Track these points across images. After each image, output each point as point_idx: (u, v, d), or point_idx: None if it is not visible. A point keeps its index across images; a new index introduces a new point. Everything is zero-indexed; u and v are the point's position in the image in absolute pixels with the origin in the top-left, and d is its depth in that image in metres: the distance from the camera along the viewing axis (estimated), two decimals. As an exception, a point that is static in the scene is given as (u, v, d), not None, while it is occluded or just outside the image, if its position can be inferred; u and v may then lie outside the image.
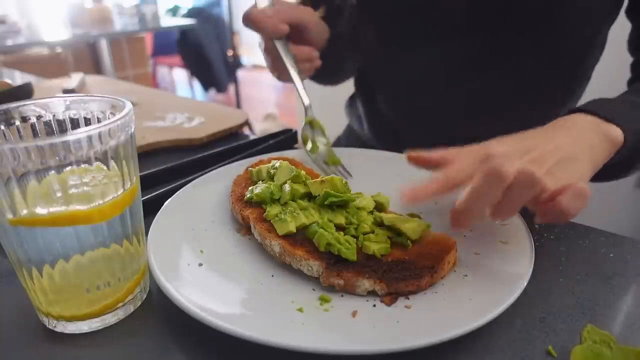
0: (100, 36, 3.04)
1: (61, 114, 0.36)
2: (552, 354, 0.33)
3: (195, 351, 0.34)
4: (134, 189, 0.35)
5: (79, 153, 0.30)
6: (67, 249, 0.32)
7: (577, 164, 0.41)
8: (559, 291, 0.39)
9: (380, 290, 0.36)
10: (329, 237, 0.39)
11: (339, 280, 0.37)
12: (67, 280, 0.33)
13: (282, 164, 0.49)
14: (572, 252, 0.44)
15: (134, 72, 3.48)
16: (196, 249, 0.42)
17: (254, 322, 0.33)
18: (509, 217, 0.40)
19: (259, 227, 0.42)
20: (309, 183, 0.45)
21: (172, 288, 0.35)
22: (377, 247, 0.39)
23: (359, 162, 0.60)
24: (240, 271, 0.40)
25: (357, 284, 0.36)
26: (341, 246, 0.38)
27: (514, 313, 0.36)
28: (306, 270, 0.38)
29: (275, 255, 0.40)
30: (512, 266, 0.38)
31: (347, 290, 0.37)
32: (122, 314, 0.37)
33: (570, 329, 0.35)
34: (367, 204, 0.45)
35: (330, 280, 0.37)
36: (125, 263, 0.36)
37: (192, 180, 0.54)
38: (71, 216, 0.31)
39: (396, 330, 0.33)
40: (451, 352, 0.33)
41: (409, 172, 0.48)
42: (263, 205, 0.44)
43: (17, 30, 2.79)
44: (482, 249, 0.42)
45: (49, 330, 0.36)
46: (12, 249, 0.32)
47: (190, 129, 0.78)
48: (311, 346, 0.30)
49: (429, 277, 0.37)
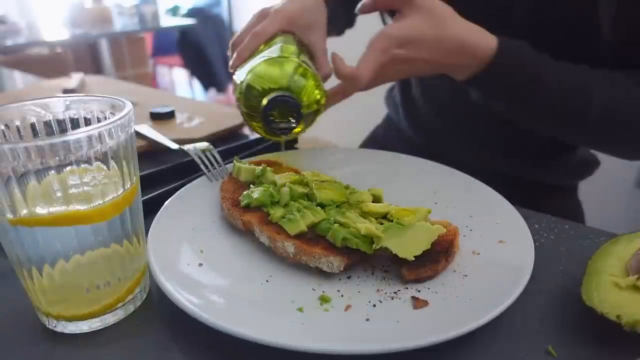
0: (100, 36, 3.05)
1: (61, 114, 0.36)
2: (552, 354, 0.33)
3: (195, 351, 0.34)
4: (134, 189, 0.35)
5: (79, 153, 0.30)
6: (67, 249, 0.32)
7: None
8: (559, 291, 0.39)
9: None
10: (344, 232, 0.39)
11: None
12: (67, 280, 0.33)
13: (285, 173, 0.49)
14: (572, 252, 0.44)
15: (134, 72, 3.48)
16: (196, 249, 0.42)
17: (254, 322, 0.33)
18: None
19: (266, 231, 0.42)
20: (315, 190, 0.46)
21: (172, 288, 0.35)
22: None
23: (358, 161, 0.60)
24: (240, 271, 0.40)
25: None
26: (358, 240, 0.39)
27: (514, 313, 0.36)
28: (326, 267, 0.38)
29: (289, 255, 0.40)
30: (512, 266, 0.38)
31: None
32: (122, 314, 0.37)
33: (571, 328, 0.35)
34: (366, 197, 0.46)
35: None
36: (125, 263, 0.36)
37: (192, 180, 0.54)
38: (71, 216, 0.31)
39: (396, 330, 0.33)
40: (451, 352, 0.33)
41: (406, 171, 0.48)
42: (263, 208, 0.44)
43: (17, 30, 2.80)
44: (482, 249, 0.42)
45: (49, 330, 0.36)
46: (12, 249, 0.32)
47: (190, 129, 0.78)
48: (311, 346, 0.30)
49: (444, 261, 0.39)
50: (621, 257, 0.37)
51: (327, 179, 0.49)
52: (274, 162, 0.55)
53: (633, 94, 0.57)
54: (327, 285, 0.38)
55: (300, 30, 0.57)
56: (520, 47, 0.55)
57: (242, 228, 0.45)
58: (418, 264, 0.38)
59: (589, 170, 0.79)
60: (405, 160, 0.60)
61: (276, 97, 0.44)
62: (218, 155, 0.58)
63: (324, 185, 0.47)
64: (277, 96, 0.44)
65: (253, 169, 0.50)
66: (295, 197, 0.45)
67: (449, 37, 0.52)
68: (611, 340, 0.34)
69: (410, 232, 0.39)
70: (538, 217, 0.51)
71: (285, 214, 0.42)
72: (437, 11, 0.52)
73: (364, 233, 0.39)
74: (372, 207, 0.44)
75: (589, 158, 0.79)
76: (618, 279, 0.34)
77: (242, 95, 0.47)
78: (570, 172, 0.78)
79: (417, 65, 0.55)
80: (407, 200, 0.48)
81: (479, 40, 0.53)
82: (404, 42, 0.52)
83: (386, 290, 0.38)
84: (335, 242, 0.39)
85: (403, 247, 0.38)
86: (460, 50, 0.53)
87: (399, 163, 0.59)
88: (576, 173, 0.79)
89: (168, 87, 4.66)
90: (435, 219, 0.43)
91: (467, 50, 0.53)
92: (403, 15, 0.53)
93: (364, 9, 0.57)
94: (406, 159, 0.60)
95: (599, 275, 0.36)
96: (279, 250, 0.41)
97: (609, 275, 0.35)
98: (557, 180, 0.78)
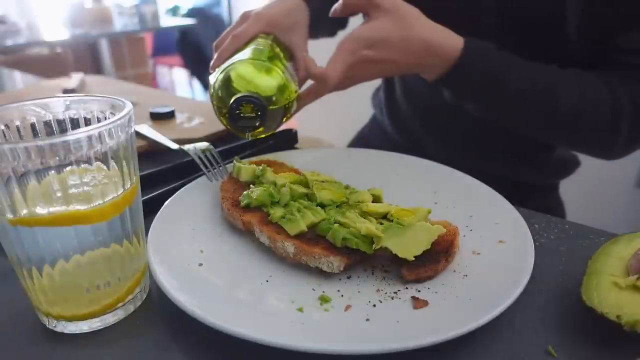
0: (100, 36, 3.05)
1: (61, 114, 0.36)
2: (552, 354, 0.33)
3: (195, 351, 0.34)
4: (134, 189, 0.35)
5: (79, 153, 0.30)
6: (67, 249, 0.32)
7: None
8: (559, 291, 0.39)
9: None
10: (344, 232, 0.39)
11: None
12: (67, 280, 0.33)
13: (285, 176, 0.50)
14: (572, 252, 0.44)
15: (134, 72, 3.48)
16: (196, 249, 0.42)
17: (254, 322, 0.33)
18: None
19: (266, 231, 0.42)
20: (316, 191, 0.46)
21: (172, 288, 0.35)
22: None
23: (358, 161, 0.60)
24: (240, 271, 0.40)
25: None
26: (358, 240, 0.39)
27: (514, 313, 0.36)
28: (326, 267, 0.38)
29: (289, 255, 0.40)
30: (512, 266, 0.38)
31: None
32: (122, 314, 0.37)
33: (571, 328, 0.35)
34: (366, 197, 0.46)
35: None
36: (125, 263, 0.36)
37: (192, 180, 0.54)
38: (71, 216, 0.31)
39: (396, 330, 0.33)
40: (451, 352, 0.33)
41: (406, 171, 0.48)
42: (263, 208, 0.44)
43: (17, 30, 2.80)
44: (482, 249, 0.42)
45: (49, 330, 0.35)
46: (12, 249, 0.32)
47: (190, 129, 0.78)
48: (311, 346, 0.30)
49: (444, 261, 0.39)
50: (621, 257, 0.37)
51: (327, 179, 0.49)
52: (274, 162, 0.55)
53: (601, 93, 0.57)
54: (327, 285, 0.38)
55: (281, 32, 0.59)
56: (486, 47, 0.57)
57: (242, 228, 0.45)
58: (418, 264, 0.38)
59: (568, 170, 0.80)
60: (405, 160, 0.60)
61: (242, 97, 0.46)
62: (218, 155, 0.58)
63: (324, 185, 0.47)
64: (243, 96, 0.46)
65: (253, 169, 0.50)
66: (295, 197, 0.45)
67: (414, 38, 0.54)
68: (611, 340, 0.34)
69: (410, 232, 0.39)
70: (538, 217, 0.51)
71: (285, 214, 0.42)
72: (403, 13, 0.54)
73: (364, 233, 0.39)
74: (372, 207, 0.44)
75: (568, 158, 0.80)
76: (618, 279, 0.34)
77: (214, 93, 0.50)
78: (549, 171, 0.79)
79: (386, 66, 0.56)
80: (407, 200, 0.48)
81: (445, 41, 0.55)
82: (371, 43, 0.53)
83: (386, 290, 0.38)
84: (335, 242, 0.39)
85: (403, 247, 0.38)
86: (426, 51, 0.54)
87: (399, 163, 0.59)
88: (556, 172, 0.80)
89: (168, 87, 4.66)
90: (435, 219, 0.43)
91: (433, 51, 0.55)
92: (371, 18, 0.55)
93: (335, 13, 0.59)
94: (406, 159, 0.60)
95: (599, 275, 0.36)
96: (279, 250, 0.41)
97: (609, 275, 0.35)
98: (537, 179, 0.79)
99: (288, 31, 0.60)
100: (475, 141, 0.76)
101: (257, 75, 0.49)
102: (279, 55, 0.55)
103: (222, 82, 0.49)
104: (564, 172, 0.80)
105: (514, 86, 0.57)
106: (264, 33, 0.58)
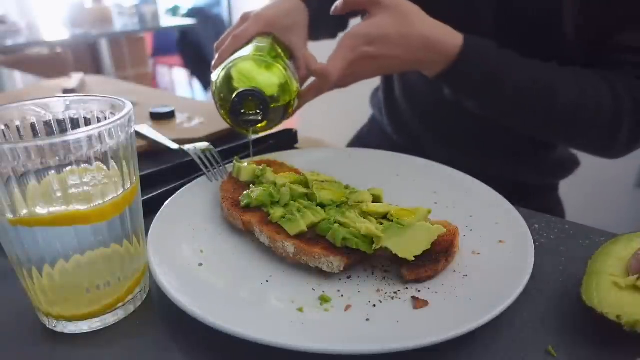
0: (100, 36, 3.04)
1: (61, 114, 0.36)
2: (552, 354, 0.33)
3: (195, 351, 0.34)
4: (134, 189, 0.35)
5: (79, 153, 0.30)
6: (67, 249, 0.32)
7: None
8: (559, 291, 0.39)
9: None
10: (344, 232, 0.39)
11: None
12: (67, 280, 0.33)
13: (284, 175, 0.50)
14: (572, 252, 0.44)
15: (134, 72, 3.48)
16: (196, 249, 0.42)
17: (254, 322, 0.33)
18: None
19: (266, 231, 0.42)
20: (316, 191, 0.46)
21: (172, 288, 0.35)
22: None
23: (358, 161, 0.60)
24: (240, 271, 0.40)
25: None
26: (358, 240, 0.39)
27: (514, 313, 0.36)
28: (326, 267, 0.38)
29: (289, 255, 0.40)
30: (512, 266, 0.38)
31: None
32: (122, 314, 0.37)
33: (571, 328, 0.35)
34: (366, 197, 0.46)
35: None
36: (125, 263, 0.36)
37: (192, 180, 0.54)
38: (71, 216, 0.31)
39: (396, 330, 0.33)
40: (451, 352, 0.33)
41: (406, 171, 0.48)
42: (263, 208, 0.44)
43: (17, 30, 2.80)
44: (482, 249, 0.42)
45: (49, 330, 0.35)
46: (12, 249, 0.32)
47: (190, 129, 0.78)
48: (311, 346, 0.30)
49: (444, 261, 0.39)
50: (621, 257, 0.37)
51: (327, 179, 0.49)
52: (274, 162, 0.55)
53: (602, 90, 0.57)
54: (327, 285, 0.38)
55: (280, 32, 0.59)
56: (485, 44, 0.57)
57: (242, 228, 0.45)
58: (418, 264, 0.38)
59: (568, 170, 0.80)
60: (405, 160, 0.60)
61: (244, 92, 0.47)
62: (218, 155, 0.58)
63: (324, 185, 0.47)
64: (245, 90, 0.47)
65: (253, 169, 0.50)
66: (295, 197, 0.45)
67: (414, 35, 0.54)
68: (611, 340, 0.34)
69: (410, 232, 0.39)
70: (538, 217, 0.51)
71: (285, 214, 0.42)
72: (403, 10, 0.54)
73: (364, 233, 0.39)
74: (372, 207, 0.44)
75: (568, 158, 0.80)
76: (618, 279, 0.34)
77: (216, 90, 0.51)
78: (549, 171, 0.80)
79: (386, 62, 0.56)
80: (407, 200, 0.48)
81: (444, 37, 0.55)
82: (371, 39, 0.54)
83: (386, 290, 0.38)
84: (335, 242, 0.39)
85: (403, 247, 0.38)
86: (426, 47, 0.55)
87: (399, 163, 0.59)
88: (556, 172, 0.80)
89: (168, 87, 4.66)
90: (435, 219, 0.43)
91: (432, 47, 0.55)
92: (371, 15, 0.55)
93: (335, 10, 0.59)
94: (406, 159, 0.60)
95: (599, 275, 0.36)
96: (279, 250, 0.41)
97: (609, 275, 0.35)
98: (537, 179, 0.79)
99: (287, 31, 0.60)
100: (475, 141, 0.77)
101: (258, 72, 0.50)
102: (280, 53, 0.55)
103: (224, 79, 0.50)
104: (564, 172, 0.80)
105: (513, 83, 0.57)
106: (264, 33, 0.59)
